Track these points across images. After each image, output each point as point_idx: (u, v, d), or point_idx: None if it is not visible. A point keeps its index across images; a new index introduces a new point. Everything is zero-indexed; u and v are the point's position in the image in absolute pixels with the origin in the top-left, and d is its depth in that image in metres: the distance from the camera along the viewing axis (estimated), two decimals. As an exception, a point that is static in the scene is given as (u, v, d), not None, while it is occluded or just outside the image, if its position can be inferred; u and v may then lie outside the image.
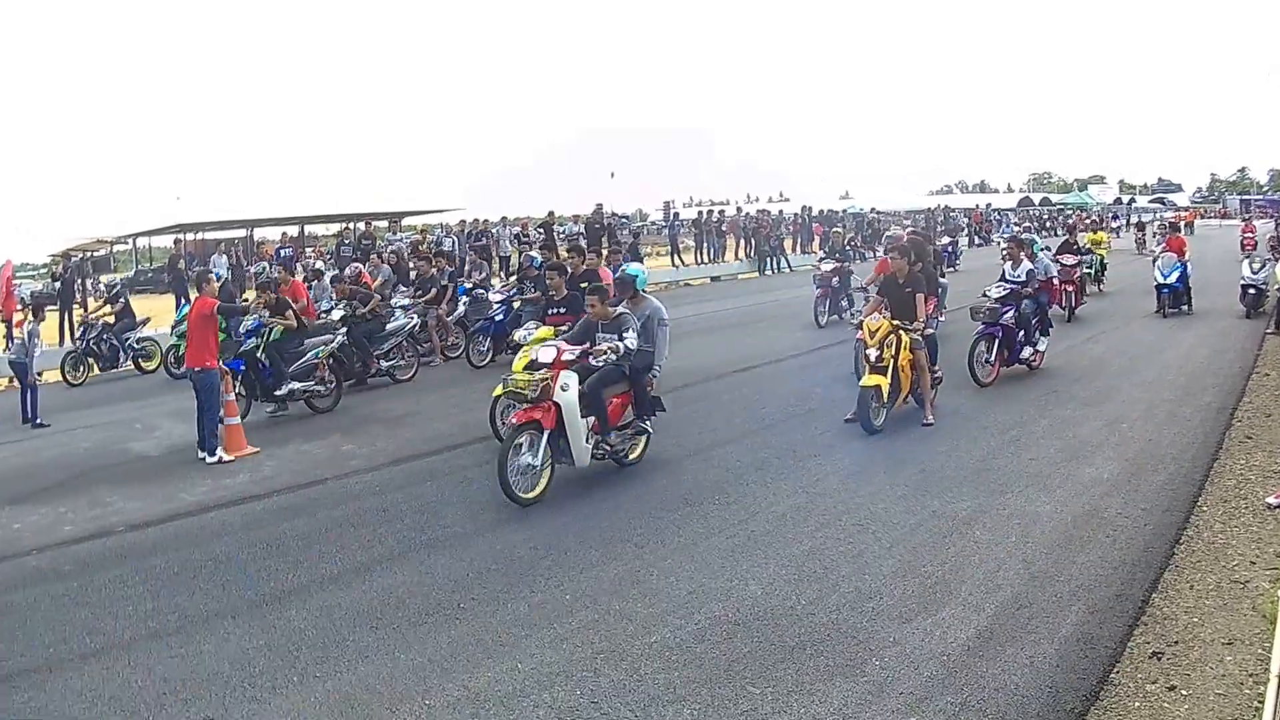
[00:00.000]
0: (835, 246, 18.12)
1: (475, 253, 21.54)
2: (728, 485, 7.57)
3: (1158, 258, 17.48)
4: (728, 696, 4.35)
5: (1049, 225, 47.20)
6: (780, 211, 40.38)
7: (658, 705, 4.31)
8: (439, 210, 37.61)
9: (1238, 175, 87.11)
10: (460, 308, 15.24)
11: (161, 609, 5.60)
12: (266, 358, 10.81)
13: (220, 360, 9.50)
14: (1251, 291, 16.30)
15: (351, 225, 35.00)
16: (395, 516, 7.15)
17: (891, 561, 5.88)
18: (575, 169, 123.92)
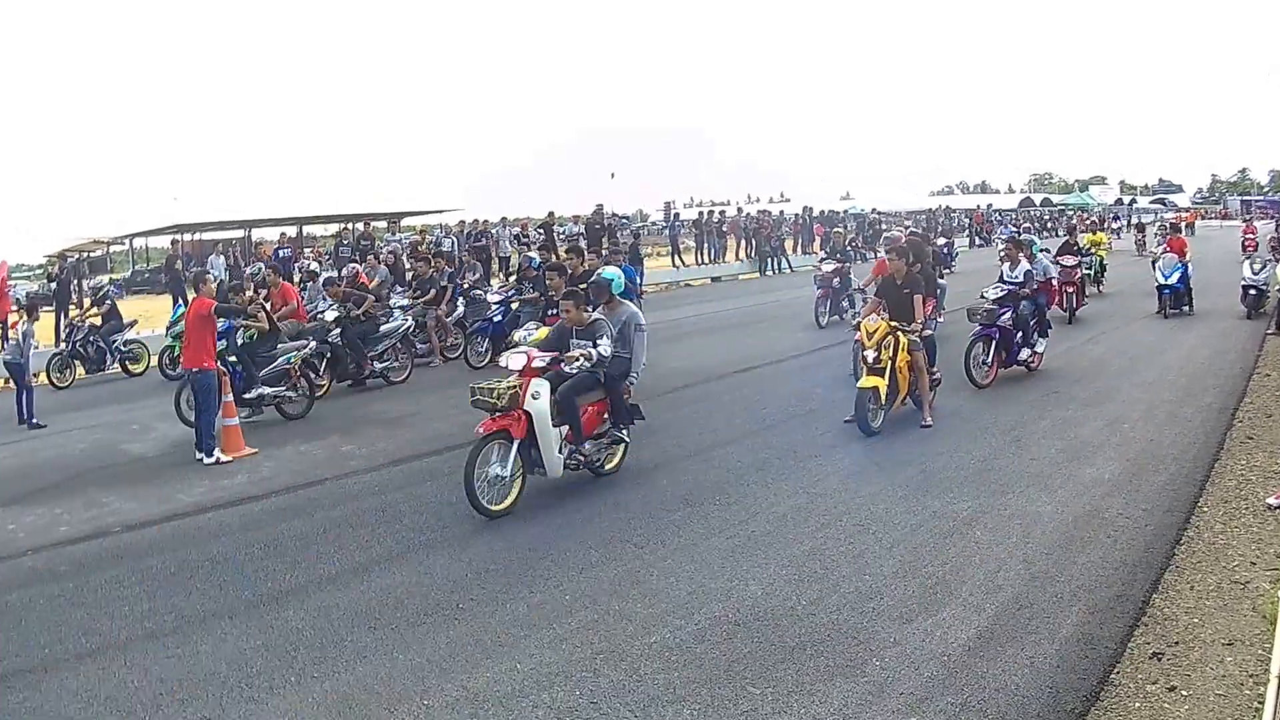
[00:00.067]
0: (836, 247, 18.16)
1: (469, 254, 21.46)
2: (728, 486, 7.56)
3: (1158, 258, 17.49)
4: (728, 697, 4.34)
5: (1050, 226, 47.23)
6: (781, 212, 40.45)
7: (657, 706, 4.29)
8: (438, 211, 37.68)
9: (1238, 176, 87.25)
10: (459, 308, 15.22)
11: (158, 609, 5.59)
12: (237, 360, 10.63)
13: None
14: (1252, 292, 16.31)
15: (350, 226, 35.04)
16: (394, 517, 7.14)
17: (892, 562, 5.87)
18: (575, 169, 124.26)
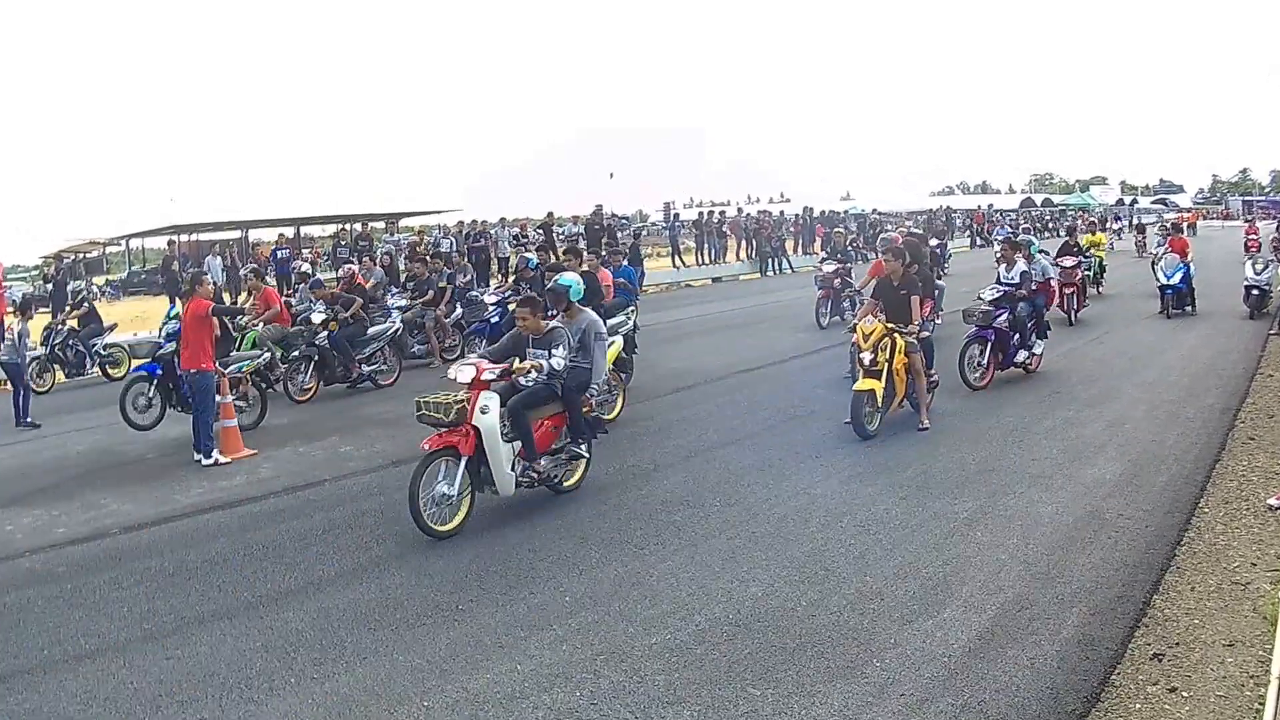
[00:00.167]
0: (837, 247, 18.12)
1: (459, 255, 21.38)
2: (729, 486, 7.55)
3: (1160, 259, 17.47)
4: (728, 698, 4.33)
5: (1051, 226, 47.20)
6: (781, 212, 40.41)
7: (658, 707, 4.28)
8: (437, 211, 37.68)
9: (1239, 176, 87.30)
10: (457, 309, 15.19)
11: (157, 611, 5.57)
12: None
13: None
14: (1255, 293, 16.30)
15: (348, 226, 35.07)
16: (394, 518, 7.08)
17: (893, 563, 5.85)
18: (574, 169, 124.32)
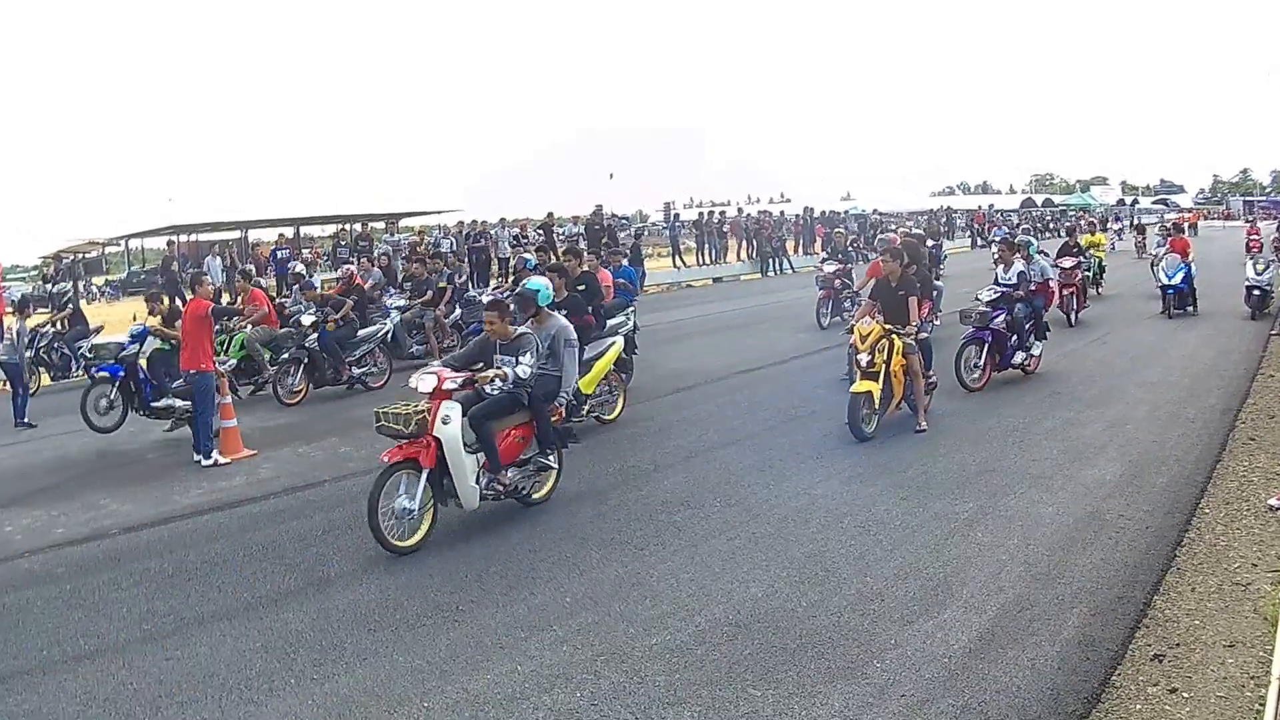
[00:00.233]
0: (838, 248, 18.11)
1: (455, 255, 21.32)
2: (730, 487, 7.54)
3: (1161, 259, 17.45)
4: (729, 699, 4.33)
5: (1052, 226, 47.15)
6: (782, 213, 40.38)
7: (658, 707, 4.28)
8: (437, 211, 37.61)
9: (1240, 176, 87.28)
10: (456, 309, 15.13)
11: (156, 611, 5.57)
12: (148, 368, 10.31)
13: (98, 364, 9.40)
14: (1256, 293, 16.28)
15: (348, 226, 35.05)
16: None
17: (893, 563, 5.85)
18: (574, 169, 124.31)
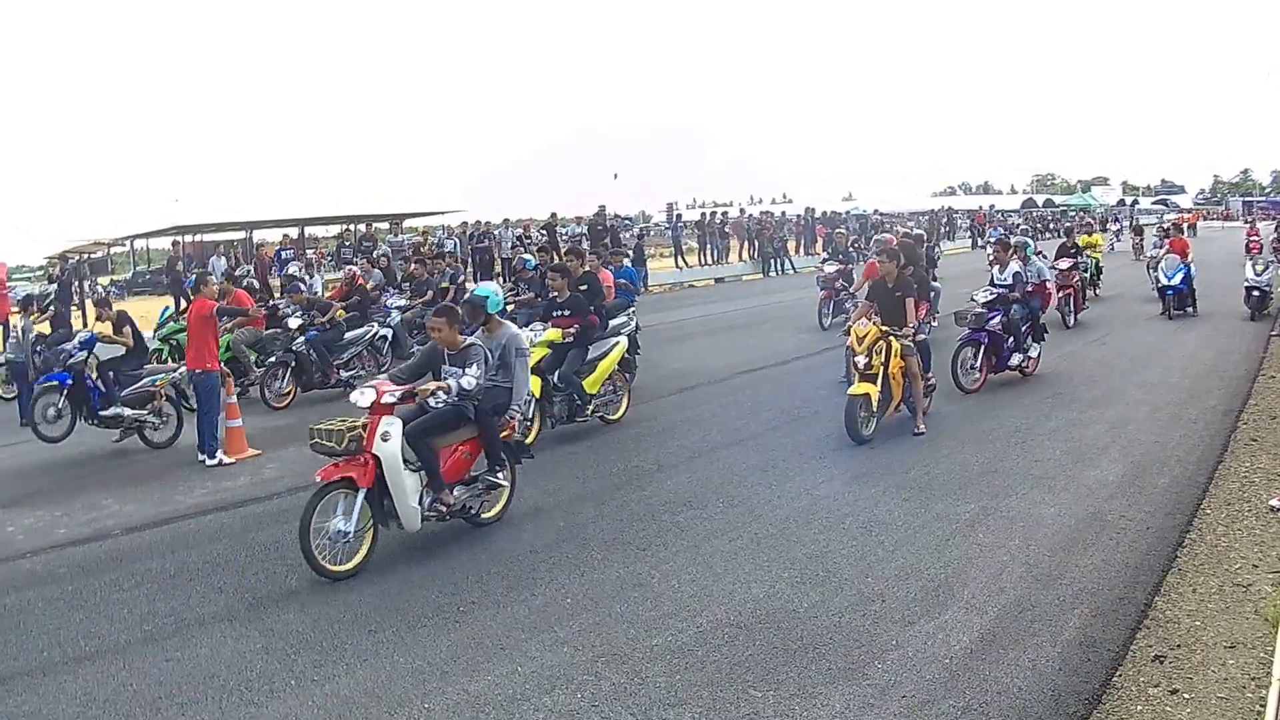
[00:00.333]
0: (839, 248, 18.09)
1: (455, 256, 21.28)
2: (731, 488, 7.54)
3: (1161, 259, 17.42)
4: (730, 700, 4.33)
5: (1053, 227, 47.09)
6: (783, 213, 40.37)
7: (659, 708, 4.28)
8: (440, 212, 37.60)
9: (1240, 177, 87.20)
10: None
11: (158, 612, 5.56)
12: (98, 376, 10.00)
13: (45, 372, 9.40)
14: (1256, 294, 16.26)
15: (352, 227, 35.08)
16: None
17: (895, 564, 5.85)
18: (575, 170, 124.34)
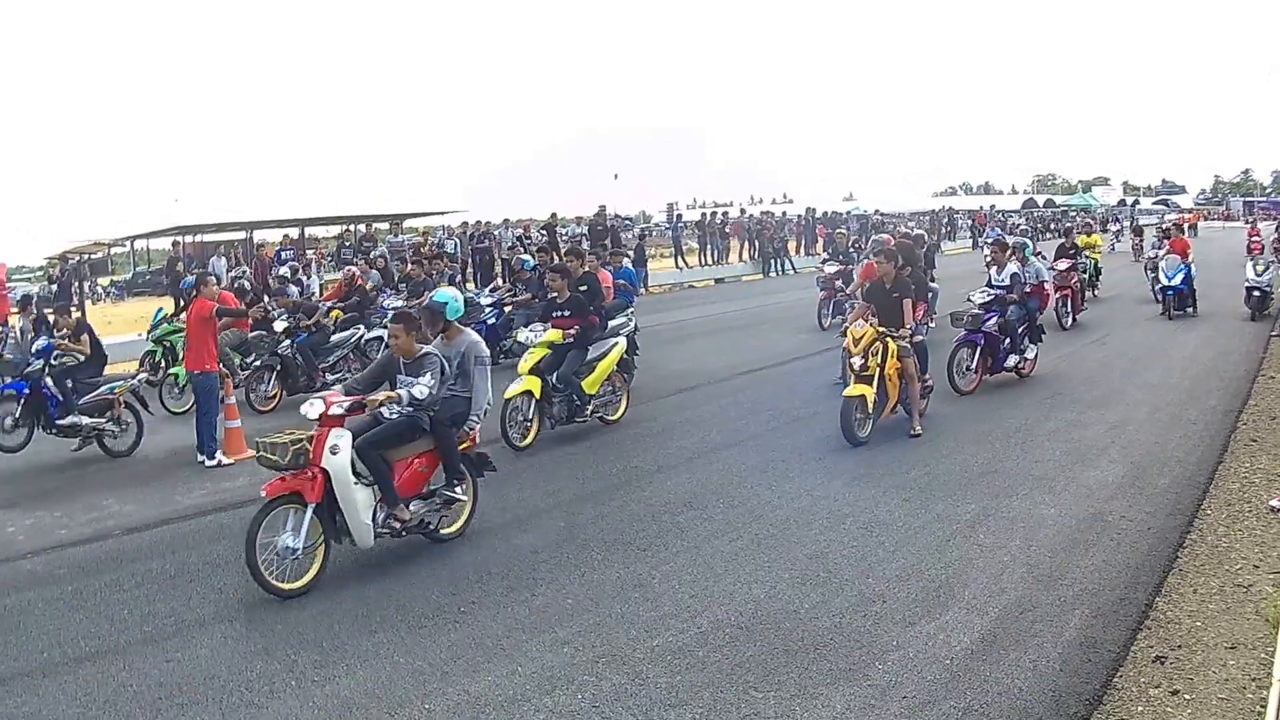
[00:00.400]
0: (839, 249, 18.07)
1: (451, 256, 21.24)
2: (731, 488, 7.54)
3: (1161, 259, 17.41)
4: (730, 700, 4.33)
5: (1054, 227, 47.06)
6: (784, 213, 40.35)
7: (660, 709, 4.28)
8: (440, 212, 37.59)
9: (1241, 177, 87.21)
10: None
11: (158, 613, 5.56)
12: (55, 384, 9.77)
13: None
14: (1256, 294, 16.24)
15: (352, 227, 35.10)
16: (395, 519, 7.10)
17: (895, 565, 5.85)
18: (575, 170, 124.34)
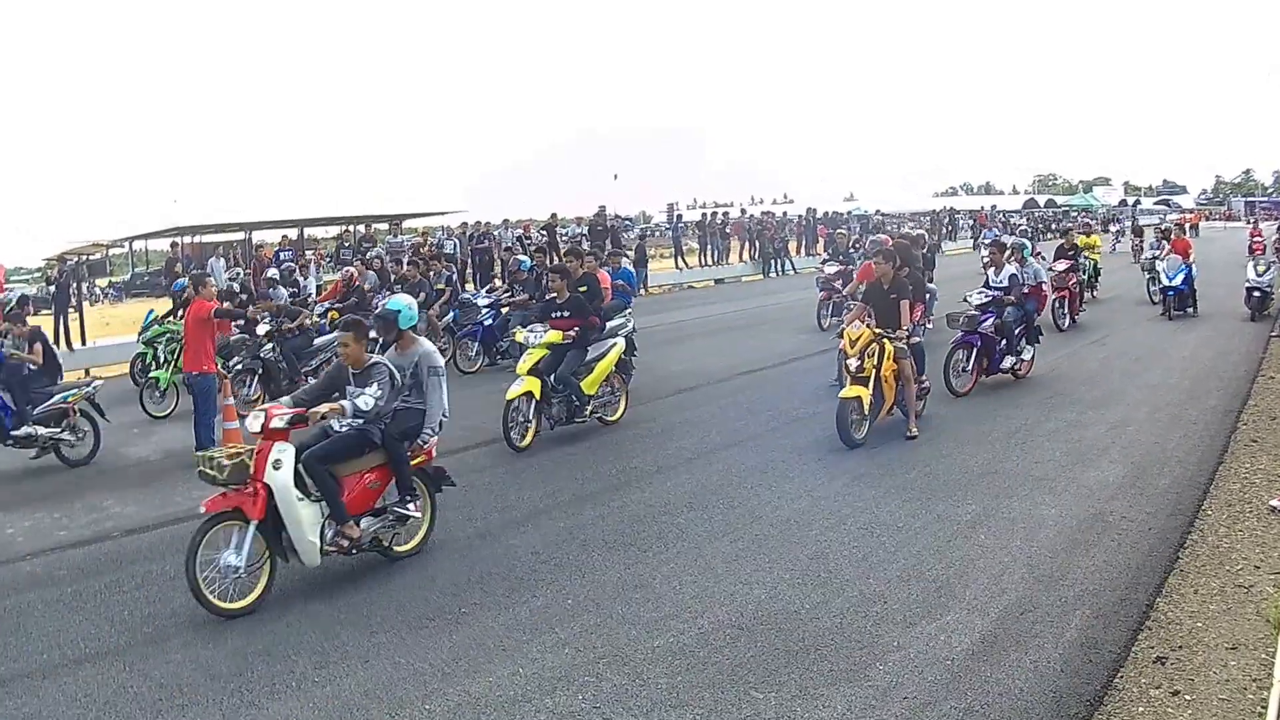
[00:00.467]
0: (839, 249, 18.06)
1: (439, 259, 21.20)
2: (732, 489, 7.54)
3: (1163, 259, 17.41)
4: (731, 701, 4.32)
5: (1055, 228, 47.03)
6: (784, 214, 40.34)
7: (661, 710, 4.27)
8: (440, 213, 37.56)
9: (1242, 177, 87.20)
10: (449, 313, 14.99)
11: (158, 614, 5.56)
12: (8, 394, 9.49)
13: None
14: (1256, 294, 16.25)
15: (352, 228, 35.07)
16: (396, 520, 7.10)
17: (896, 565, 5.84)
18: (575, 170, 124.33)
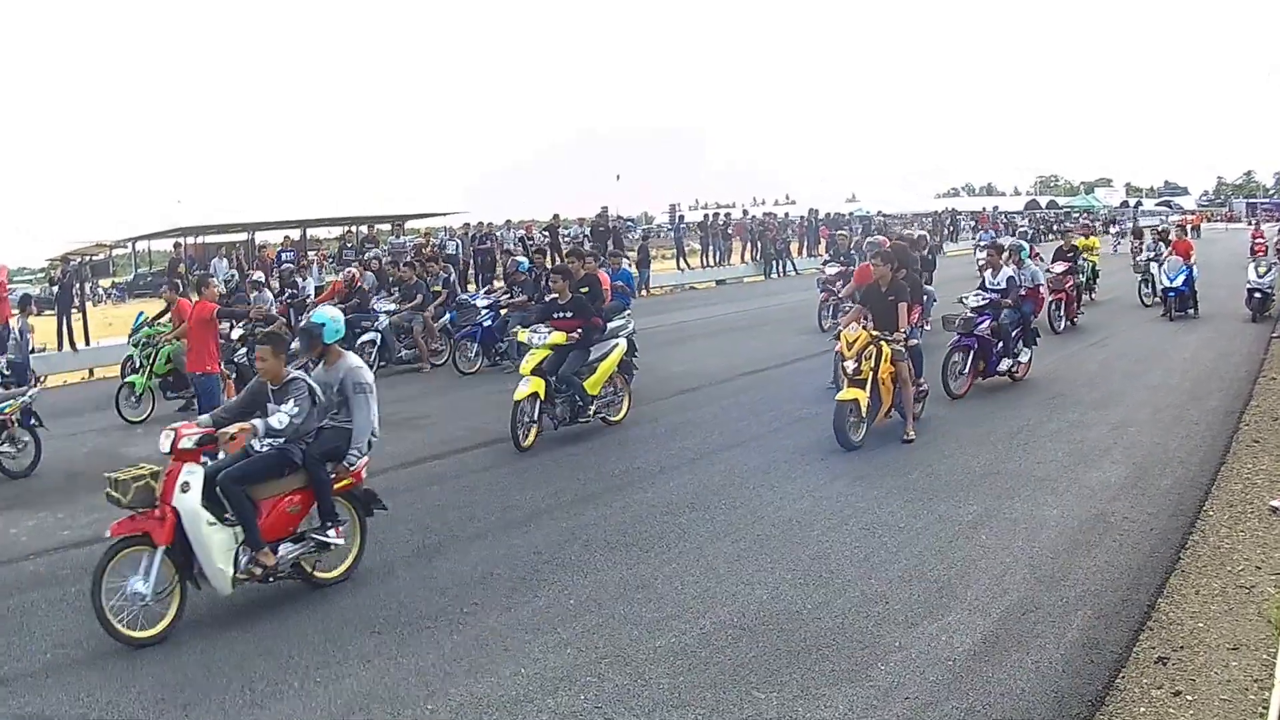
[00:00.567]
0: (841, 250, 18.06)
1: (437, 260, 21.19)
2: (734, 489, 7.55)
3: (1164, 260, 17.41)
4: (733, 701, 4.33)
5: (1055, 229, 46.99)
6: (786, 214, 40.34)
7: (663, 710, 4.28)
8: (442, 213, 37.55)
9: (1244, 178, 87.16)
10: (446, 314, 14.97)
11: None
12: None
13: None
14: (1257, 295, 16.24)
15: (354, 228, 35.10)
16: (399, 520, 7.06)
17: (898, 566, 5.85)
18: (575, 170, 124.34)
